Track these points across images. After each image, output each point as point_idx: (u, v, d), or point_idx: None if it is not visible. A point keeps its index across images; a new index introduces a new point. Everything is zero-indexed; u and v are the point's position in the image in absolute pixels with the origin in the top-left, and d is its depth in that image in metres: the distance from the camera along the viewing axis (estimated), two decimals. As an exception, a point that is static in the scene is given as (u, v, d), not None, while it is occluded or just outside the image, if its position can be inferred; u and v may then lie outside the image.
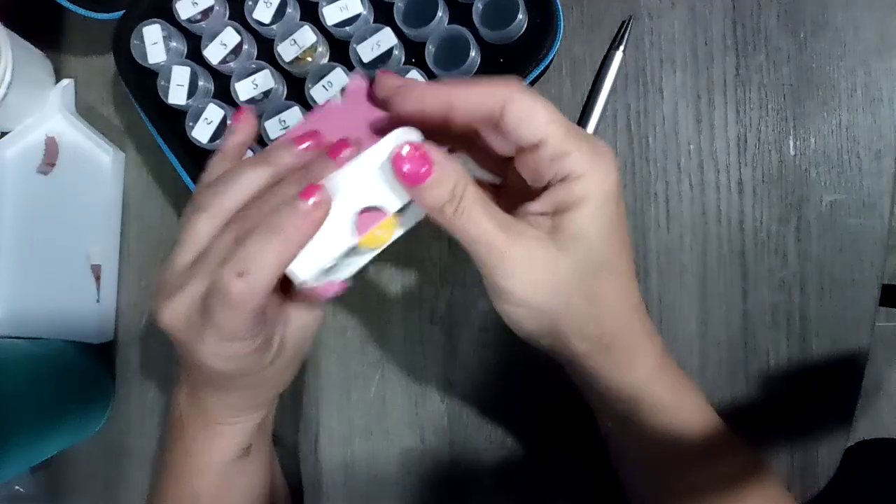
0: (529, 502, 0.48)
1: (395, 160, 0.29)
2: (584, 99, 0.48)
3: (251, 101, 0.45)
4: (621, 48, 0.47)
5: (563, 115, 0.31)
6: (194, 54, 0.46)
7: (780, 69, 0.47)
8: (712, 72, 0.47)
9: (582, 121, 0.48)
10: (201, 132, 0.45)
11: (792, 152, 0.47)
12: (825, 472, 0.46)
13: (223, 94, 0.46)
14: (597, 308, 0.33)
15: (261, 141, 0.44)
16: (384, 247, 0.34)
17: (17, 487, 0.51)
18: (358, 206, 0.31)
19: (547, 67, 0.45)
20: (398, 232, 0.34)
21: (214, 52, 0.45)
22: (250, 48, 0.46)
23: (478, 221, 0.30)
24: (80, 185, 0.51)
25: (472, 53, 0.43)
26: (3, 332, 0.51)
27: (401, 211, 0.32)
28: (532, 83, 0.45)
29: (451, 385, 0.49)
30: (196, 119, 0.45)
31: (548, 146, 0.31)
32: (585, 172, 0.31)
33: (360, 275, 0.49)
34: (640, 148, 0.48)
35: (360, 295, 0.49)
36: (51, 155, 0.51)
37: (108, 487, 0.52)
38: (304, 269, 0.31)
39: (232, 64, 0.45)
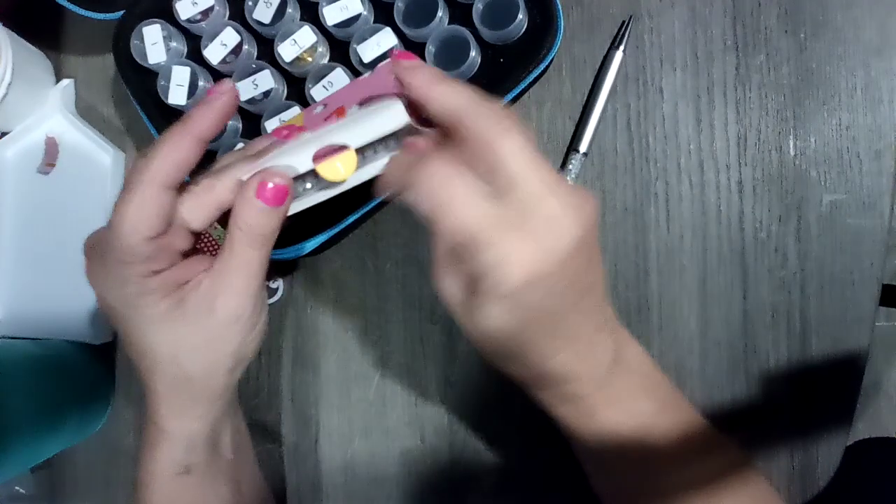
0: (529, 502, 0.48)
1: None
2: (584, 99, 0.48)
3: (251, 101, 0.45)
4: (621, 48, 0.47)
5: (489, 207, 0.30)
6: (194, 54, 0.46)
7: (780, 69, 0.47)
8: (712, 71, 0.47)
9: (582, 121, 0.48)
10: (201, 132, 0.45)
11: (792, 152, 0.47)
12: (825, 472, 0.46)
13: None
14: (569, 333, 0.34)
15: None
16: (342, 187, 0.34)
17: (17, 487, 0.51)
18: (323, 142, 0.32)
19: (547, 67, 0.45)
20: (359, 175, 0.34)
21: (214, 52, 0.45)
22: (250, 48, 0.46)
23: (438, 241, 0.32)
24: (80, 185, 0.51)
25: (472, 53, 0.43)
26: (3, 332, 0.51)
27: (364, 155, 0.33)
28: (532, 83, 0.45)
29: (451, 385, 0.49)
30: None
31: (461, 238, 0.30)
32: (493, 267, 0.30)
33: (361, 274, 0.49)
34: (640, 148, 0.48)
35: (360, 295, 0.49)
36: (51, 155, 0.51)
37: (108, 487, 0.52)
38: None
39: (232, 64, 0.45)
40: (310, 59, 0.45)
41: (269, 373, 0.50)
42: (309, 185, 0.34)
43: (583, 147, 0.47)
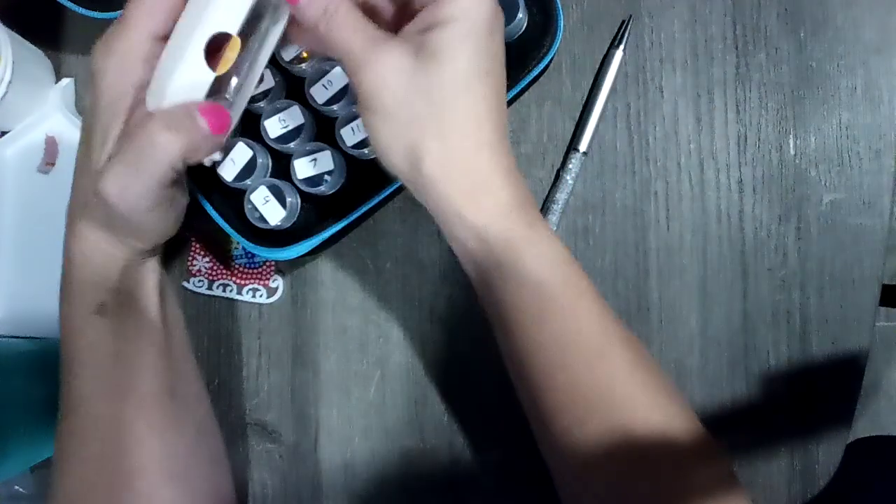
0: (529, 502, 0.48)
1: None
2: (584, 98, 0.48)
3: (251, 100, 0.45)
4: (621, 47, 0.47)
5: None
6: (194, 54, 0.46)
7: (780, 68, 0.47)
8: (712, 71, 0.47)
9: (582, 120, 0.48)
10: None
11: (792, 151, 0.47)
12: (825, 472, 0.46)
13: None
14: (444, 128, 0.33)
15: (260, 139, 0.44)
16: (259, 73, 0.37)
17: (17, 487, 0.51)
18: (208, 31, 0.33)
19: (547, 66, 0.45)
20: (259, 57, 0.36)
21: (214, 52, 0.45)
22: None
23: (345, 35, 0.33)
24: (79, 185, 0.51)
25: (472, 53, 0.43)
26: (3, 332, 0.51)
27: (247, 35, 0.35)
28: (532, 82, 0.45)
29: (451, 385, 0.49)
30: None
31: None
32: None
33: (361, 274, 0.49)
34: (640, 147, 0.48)
35: (360, 295, 0.49)
36: (51, 154, 0.51)
37: (108, 487, 0.52)
38: (156, 94, 0.34)
39: (232, 63, 0.45)
40: (310, 58, 0.44)
41: (269, 373, 0.50)
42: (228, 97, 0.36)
43: (583, 146, 0.47)
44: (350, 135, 0.43)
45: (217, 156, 0.38)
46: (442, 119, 0.33)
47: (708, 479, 0.35)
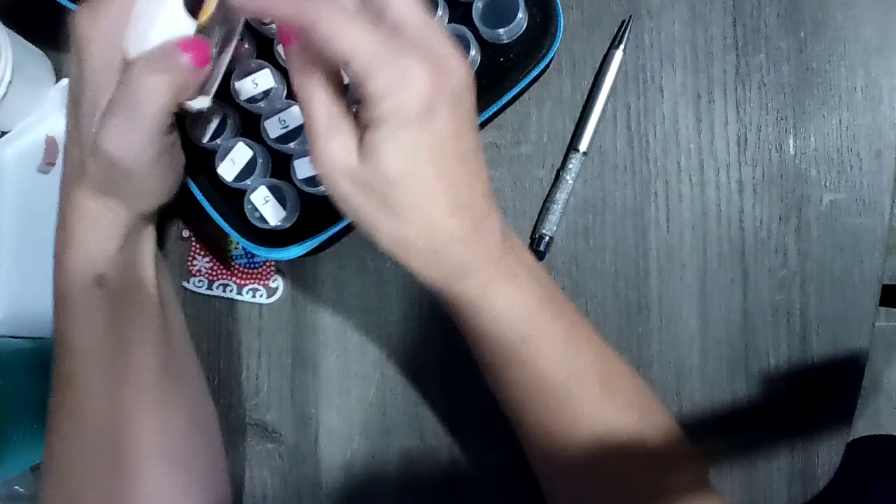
0: (529, 502, 0.48)
1: None
2: (584, 98, 0.48)
3: (251, 99, 0.45)
4: (621, 47, 0.47)
5: (378, 35, 0.30)
6: (194, 54, 0.46)
7: (780, 68, 0.47)
8: (712, 71, 0.47)
9: (582, 120, 0.48)
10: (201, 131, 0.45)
11: (792, 151, 0.47)
12: (825, 472, 0.46)
13: (223, 92, 0.46)
14: (391, 212, 0.33)
15: (260, 139, 0.44)
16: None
17: (16, 487, 0.51)
18: None
19: (547, 67, 0.45)
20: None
21: (214, 52, 0.45)
22: (250, 47, 0.46)
23: (312, 106, 0.32)
24: (79, 185, 0.51)
25: (472, 52, 0.43)
26: (3, 332, 0.51)
27: None
28: (532, 82, 0.45)
29: (451, 385, 0.49)
30: (195, 119, 0.45)
31: (350, 67, 0.30)
32: (385, 96, 0.30)
33: (361, 274, 0.49)
34: (640, 147, 0.48)
35: (360, 295, 0.49)
36: (51, 154, 0.51)
37: (108, 487, 0.52)
38: (138, 42, 0.34)
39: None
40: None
41: (269, 373, 0.50)
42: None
43: (583, 146, 0.47)
44: (350, 135, 0.43)
45: (206, 102, 0.37)
46: (387, 206, 0.32)
47: (678, 482, 0.36)
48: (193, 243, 0.50)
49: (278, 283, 0.50)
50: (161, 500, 0.39)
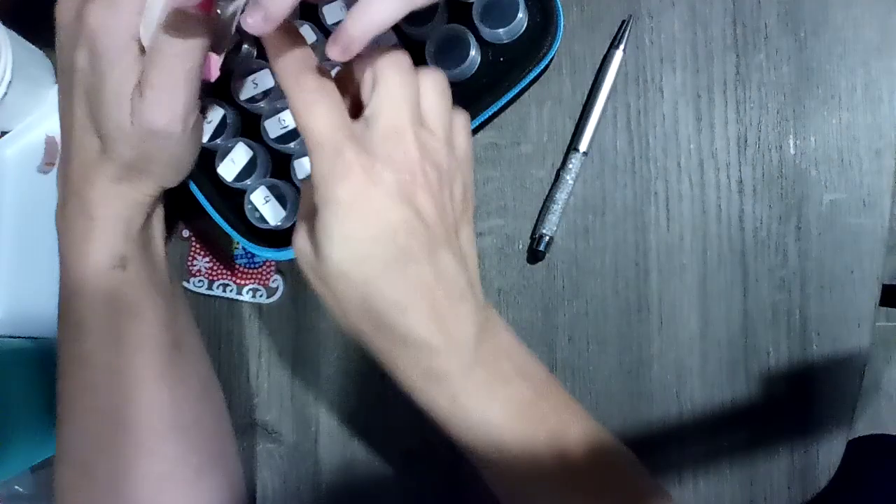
0: (529, 502, 0.48)
1: None
2: (584, 98, 0.48)
3: (251, 99, 0.45)
4: (621, 47, 0.47)
5: (342, 141, 0.30)
6: (194, 54, 0.46)
7: (780, 68, 0.47)
8: (712, 71, 0.47)
9: (582, 120, 0.48)
10: (201, 131, 0.45)
11: (792, 151, 0.47)
12: (825, 472, 0.46)
13: (223, 93, 0.46)
14: (347, 318, 0.33)
15: (260, 139, 0.44)
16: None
17: (17, 487, 0.51)
18: None
19: (547, 67, 0.45)
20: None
21: (214, 52, 0.45)
22: (250, 47, 0.46)
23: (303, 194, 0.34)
24: (79, 185, 0.51)
25: (472, 52, 0.43)
26: (3, 332, 0.51)
27: None
28: (532, 82, 0.45)
29: (451, 384, 0.49)
30: (196, 118, 0.45)
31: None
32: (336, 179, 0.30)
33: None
34: (640, 147, 0.48)
35: (360, 294, 0.49)
36: (51, 154, 0.51)
37: (108, 487, 0.52)
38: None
39: (231, 62, 0.45)
40: (310, 58, 0.44)
41: (269, 373, 0.50)
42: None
43: (583, 146, 0.47)
44: (350, 135, 0.43)
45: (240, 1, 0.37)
46: (336, 299, 0.33)
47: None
48: (193, 243, 0.50)
49: (278, 283, 0.50)
50: (174, 479, 0.39)
